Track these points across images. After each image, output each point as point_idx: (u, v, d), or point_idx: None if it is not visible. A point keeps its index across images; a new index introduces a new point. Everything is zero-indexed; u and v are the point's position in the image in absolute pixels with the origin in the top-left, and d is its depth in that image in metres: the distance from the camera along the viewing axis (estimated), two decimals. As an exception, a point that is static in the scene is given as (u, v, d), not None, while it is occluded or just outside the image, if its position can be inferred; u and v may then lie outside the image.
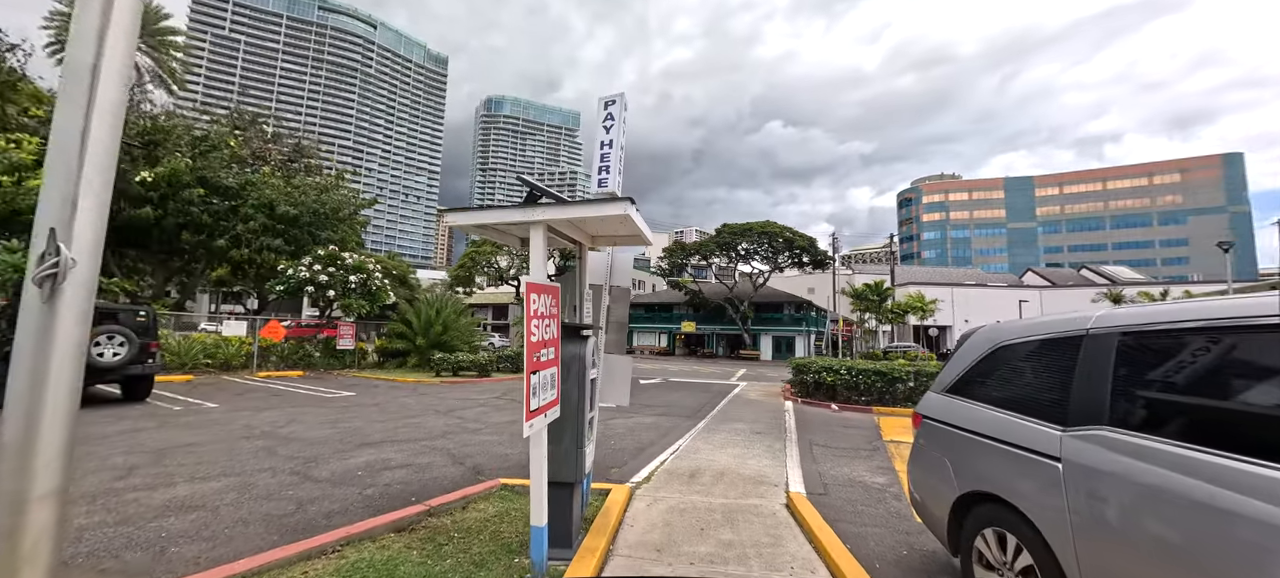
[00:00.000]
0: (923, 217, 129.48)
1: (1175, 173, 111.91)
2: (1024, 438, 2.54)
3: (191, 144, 18.60)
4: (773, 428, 9.44)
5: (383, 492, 5.09)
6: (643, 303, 54.48)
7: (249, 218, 18.44)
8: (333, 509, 4.56)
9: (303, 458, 6.30)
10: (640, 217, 3.55)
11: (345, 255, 18.43)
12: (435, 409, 10.57)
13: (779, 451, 7.48)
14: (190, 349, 15.61)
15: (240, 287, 27.26)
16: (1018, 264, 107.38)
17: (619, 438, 8.07)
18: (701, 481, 5.76)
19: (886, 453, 7.54)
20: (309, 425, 8.42)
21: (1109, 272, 77.64)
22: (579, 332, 3.93)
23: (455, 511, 4.47)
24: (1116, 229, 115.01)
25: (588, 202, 3.19)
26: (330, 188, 21.58)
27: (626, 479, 5.72)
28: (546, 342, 3.24)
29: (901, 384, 12.41)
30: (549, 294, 3.30)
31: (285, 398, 11.65)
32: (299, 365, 17.71)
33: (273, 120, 26.98)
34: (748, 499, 5.12)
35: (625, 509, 4.67)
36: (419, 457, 6.55)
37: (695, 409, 11.85)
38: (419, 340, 19.65)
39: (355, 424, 8.63)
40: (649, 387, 16.91)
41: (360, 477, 5.58)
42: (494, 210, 3.29)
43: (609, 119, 4.75)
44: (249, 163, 21.80)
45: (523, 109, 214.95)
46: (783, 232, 42.55)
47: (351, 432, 7.98)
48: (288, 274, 17.55)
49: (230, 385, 13.55)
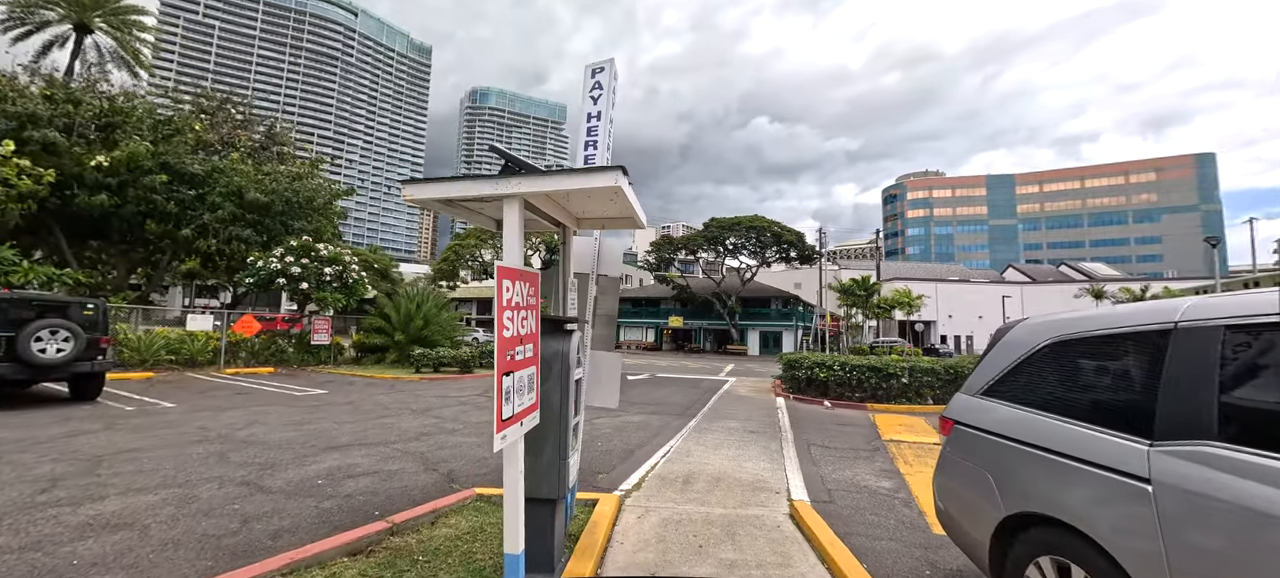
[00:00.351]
0: (907, 213, 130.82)
1: (1150, 172, 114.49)
2: (1095, 453, 2.12)
3: (154, 128, 17.56)
4: (767, 427, 9.06)
5: (343, 505, 4.55)
6: (629, 297, 54.00)
7: (216, 206, 17.50)
8: (282, 527, 4.02)
9: (257, 465, 5.72)
10: (632, 191, 3.06)
11: (320, 247, 17.62)
12: (411, 408, 9.99)
13: (776, 452, 7.08)
14: (151, 345, 14.75)
15: (214, 280, 26.18)
16: (999, 260, 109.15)
17: (606, 439, 7.60)
18: (696, 487, 5.32)
19: (887, 454, 7.18)
20: (271, 427, 7.80)
21: (1087, 268, 79.20)
22: (562, 326, 3.44)
23: (423, 527, 3.96)
24: (1094, 227, 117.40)
25: (571, 171, 2.70)
26: (304, 175, 20.65)
27: (615, 486, 5.26)
28: (523, 337, 2.75)
29: (896, 380, 12.14)
30: (526, 282, 2.80)
31: (251, 396, 10.97)
32: (270, 361, 16.90)
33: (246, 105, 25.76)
34: (748, 509, 4.68)
35: (614, 523, 4.20)
36: (388, 462, 6.01)
37: (685, 407, 11.43)
38: (398, 336, 18.93)
39: (322, 425, 8.03)
40: (637, 383, 16.46)
41: (319, 487, 5.03)
42: (460, 181, 2.77)
43: (597, 89, 4.25)
44: (217, 149, 20.75)
45: (509, 101, 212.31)
46: (771, 226, 42.36)
47: (317, 434, 7.39)
48: (258, 266, 16.70)
49: (193, 383, 12.78)
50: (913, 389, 12.15)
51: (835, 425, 9.46)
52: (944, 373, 12.42)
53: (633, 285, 59.58)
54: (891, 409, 11.55)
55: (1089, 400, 2.31)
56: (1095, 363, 2.37)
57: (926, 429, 9.12)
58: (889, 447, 7.63)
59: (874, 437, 8.43)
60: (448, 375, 16.20)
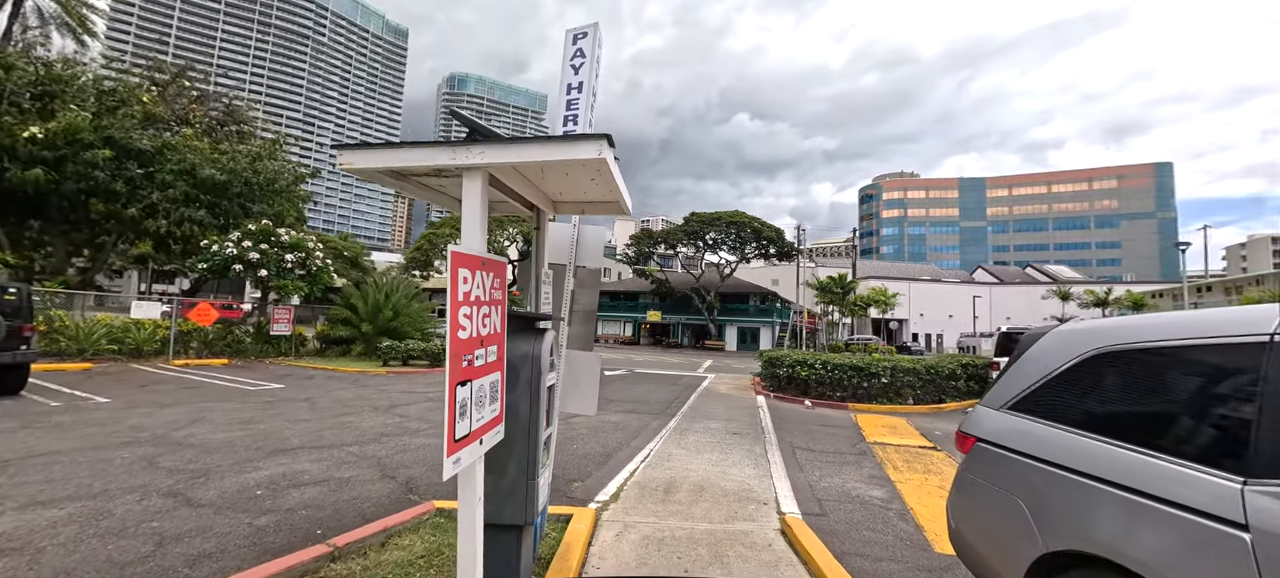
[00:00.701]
0: (882, 213, 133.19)
1: (1112, 179, 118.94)
2: (1166, 488, 1.78)
3: (97, 98, 16.25)
4: (749, 427, 8.75)
5: (281, 521, 4.02)
6: (608, 291, 53.48)
7: (167, 185, 16.32)
8: (204, 550, 3.48)
9: (190, 472, 5.11)
10: (617, 169, 2.62)
11: (281, 231, 16.62)
12: (374, 405, 9.37)
13: (760, 456, 6.75)
14: (91, 333, 13.68)
15: (172, 265, 24.68)
16: (969, 261, 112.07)
17: (582, 441, 7.16)
18: (678, 497, 4.93)
19: (875, 458, 6.93)
20: (215, 426, 7.13)
21: (1051, 271, 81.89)
22: (533, 323, 2.99)
23: (370, 550, 3.47)
24: (1058, 231, 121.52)
25: (547, 140, 2.24)
26: (266, 155, 19.48)
27: (591, 497, 4.83)
28: (485, 338, 2.29)
29: (877, 380, 11.99)
30: (489, 271, 2.34)
31: (199, 391, 10.17)
32: (226, 353, 15.92)
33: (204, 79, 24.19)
34: (735, 523, 4.32)
35: (589, 543, 3.78)
36: (341, 468, 5.46)
37: (665, 405, 11.07)
38: (366, 327, 18.08)
39: (273, 425, 7.38)
40: (614, 379, 16.05)
41: (257, 499, 4.47)
42: (410, 148, 2.29)
43: (578, 56, 3.79)
44: (170, 124, 19.39)
45: (488, 89, 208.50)
46: (751, 222, 42.32)
47: (265, 435, 6.76)
48: (212, 250, 15.65)
49: (137, 376, 11.85)
50: (893, 389, 12.03)
51: (818, 426, 9.21)
52: (924, 373, 12.34)
53: (611, 279, 59.07)
54: (873, 409, 11.40)
55: (1150, 424, 1.97)
56: (1155, 379, 2.03)
57: (910, 431, 8.94)
58: (875, 450, 7.39)
59: (858, 439, 8.19)
60: (417, 369, 15.50)
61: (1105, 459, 2.02)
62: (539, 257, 3.44)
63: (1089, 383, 2.25)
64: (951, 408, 12.02)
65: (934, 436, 8.64)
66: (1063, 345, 2.45)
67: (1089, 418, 2.19)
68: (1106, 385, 2.20)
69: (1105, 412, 2.15)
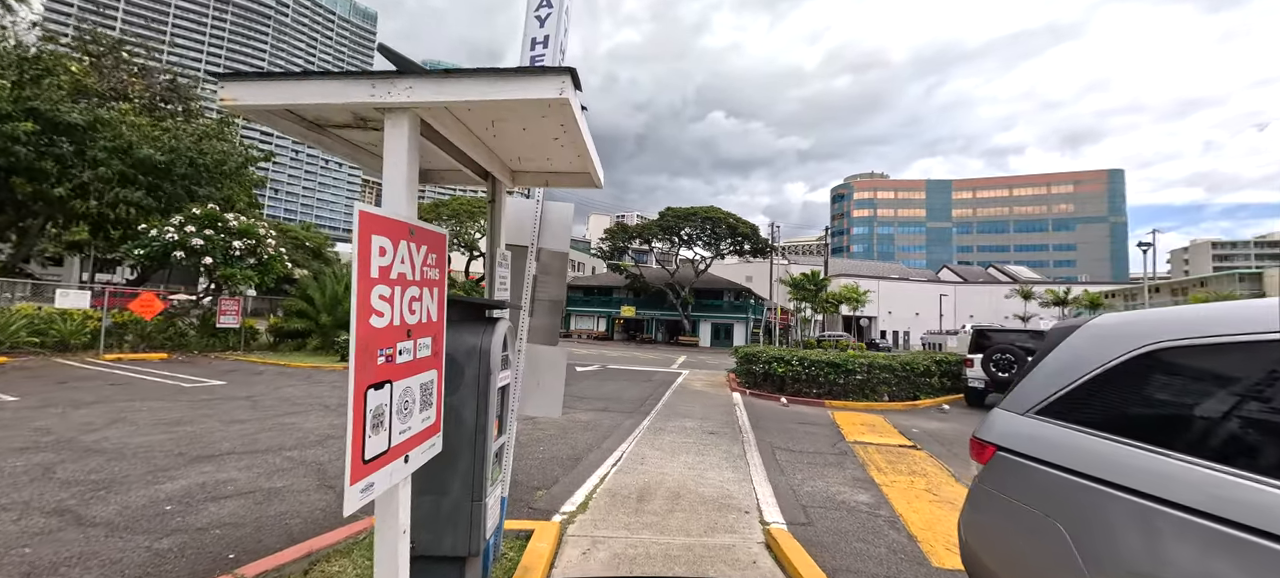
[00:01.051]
0: (853, 212, 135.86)
1: (1069, 184, 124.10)
2: (1271, 518, 1.43)
3: (18, 66, 14.77)
4: (726, 426, 8.40)
5: (188, 543, 3.42)
6: (582, 285, 52.78)
7: (99, 163, 14.97)
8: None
9: (90, 484, 4.42)
10: (585, 121, 2.16)
11: (229, 217, 15.49)
12: (323, 403, 8.66)
13: (738, 457, 6.39)
14: (8, 324, 12.42)
15: (114, 252, 22.87)
16: (934, 261, 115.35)
17: (549, 442, 6.67)
18: (653, 505, 4.51)
19: (857, 459, 6.66)
20: (135, 428, 6.36)
21: (1011, 271, 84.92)
22: (483, 312, 2.50)
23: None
24: (1019, 233, 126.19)
25: (493, 74, 1.76)
26: (214, 135, 18.14)
27: (556, 508, 4.36)
28: (414, 328, 1.80)
29: (854, 376, 11.84)
30: (421, 243, 1.85)
31: (127, 388, 9.25)
32: (166, 346, 14.75)
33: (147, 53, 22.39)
34: (716, 536, 3.92)
35: (552, 563, 3.31)
36: (273, 477, 4.84)
37: (638, 402, 10.65)
38: (324, 318, 17.06)
39: (204, 426, 6.65)
40: (586, 375, 15.55)
41: (165, 516, 3.85)
42: (317, 80, 1.77)
43: (544, 6, 3.29)
44: (105, 98, 17.85)
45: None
46: (726, 217, 42.26)
47: (192, 438, 6.05)
48: (151, 236, 14.44)
49: (58, 371, 10.77)
50: (869, 386, 11.90)
51: (796, 424, 8.94)
52: (900, 370, 12.26)
53: (585, 273, 58.36)
54: (850, 406, 11.24)
55: (1241, 436, 1.63)
56: (1243, 382, 1.69)
57: (888, 429, 8.75)
58: (856, 450, 7.12)
59: (838, 438, 7.94)
60: (377, 365, 14.66)
61: (1180, 480, 1.66)
62: (494, 234, 2.95)
63: (1147, 384, 1.90)
64: (926, 405, 11.96)
65: (913, 434, 8.46)
66: (1106, 339, 2.10)
67: (1149, 426, 1.84)
68: (1173, 387, 1.85)
69: (1171, 418, 1.80)
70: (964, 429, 9.20)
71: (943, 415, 10.74)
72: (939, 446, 7.71)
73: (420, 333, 1.86)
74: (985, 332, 12.72)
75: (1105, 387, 2.02)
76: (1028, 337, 12.00)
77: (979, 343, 12.33)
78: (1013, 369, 11.27)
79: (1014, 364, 11.29)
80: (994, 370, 11.53)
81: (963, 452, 7.31)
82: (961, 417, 10.64)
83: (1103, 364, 2.06)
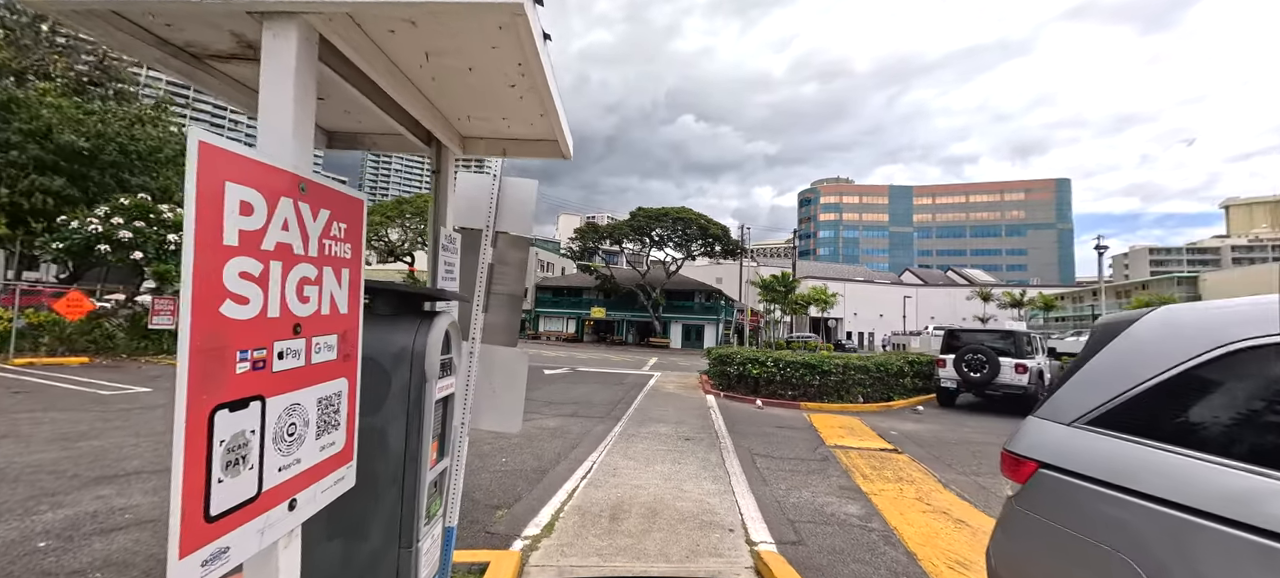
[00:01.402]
0: (820, 216, 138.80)
1: (1021, 192, 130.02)
2: None
3: (-86, 38, 13.20)
4: (702, 431, 8.02)
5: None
6: (551, 286, 51.85)
7: (12, 146, 13.51)
8: (-116, 660, 2.21)
9: (-53, 515, 3.65)
10: (550, 63, 1.69)
11: (164, 208, 14.22)
12: (263, 412, 7.84)
13: (718, 466, 5.99)
14: (-104, 324, 10.99)
15: (37, 248, 20.87)
16: (897, 264, 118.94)
17: (512, 452, 6.13)
18: (627, 526, 4.04)
19: (840, 465, 6.36)
20: (28, 444, 5.50)
21: (969, 274, 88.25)
22: (420, 304, 2.00)
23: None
24: (975, 238, 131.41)
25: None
26: (148, 120, 16.70)
27: (518, 530, 3.85)
28: (304, 322, 1.30)
29: (830, 378, 11.66)
30: (319, 205, 1.35)
31: (32, 397, 8.20)
32: (89, 350, 13.41)
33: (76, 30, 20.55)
34: (699, 560, 3.49)
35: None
36: (185, 501, 4.14)
37: (610, 406, 10.16)
38: (271, 320, 15.92)
39: (112, 440, 5.82)
40: (555, 378, 14.96)
41: (35, 554, 3.16)
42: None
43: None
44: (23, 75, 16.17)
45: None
46: (697, 218, 42.19)
47: (95, 455, 5.25)
48: (71, 228, 13.10)
49: (-48, 377, 9.54)
50: (844, 387, 11.75)
51: (774, 428, 8.63)
52: (874, 371, 12.16)
53: (554, 274, 57.40)
54: (825, 408, 11.04)
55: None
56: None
57: (867, 432, 8.54)
58: (838, 455, 6.84)
59: (817, 442, 7.65)
60: (330, 368, 13.71)
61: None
62: (438, 210, 2.44)
63: (1245, 389, 1.56)
64: (900, 405, 11.89)
65: (892, 436, 8.27)
66: (1183, 334, 1.76)
67: (1247, 441, 1.50)
68: (1270, 394, 1.51)
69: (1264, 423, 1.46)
70: (941, 430, 9.08)
71: (918, 416, 10.65)
72: (919, 448, 7.51)
73: (318, 329, 1.35)
74: (956, 332, 12.76)
75: (1186, 392, 1.68)
76: (997, 337, 12.07)
77: (950, 344, 12.36)
78: (984, 370, 11.30)
79: (985, 364, 11.32)
80: (965, 371, 11.55)
81: (944, 455, 7.13)
82: (936, 417, 10.57)
83: (1180, 364, 1.71)
